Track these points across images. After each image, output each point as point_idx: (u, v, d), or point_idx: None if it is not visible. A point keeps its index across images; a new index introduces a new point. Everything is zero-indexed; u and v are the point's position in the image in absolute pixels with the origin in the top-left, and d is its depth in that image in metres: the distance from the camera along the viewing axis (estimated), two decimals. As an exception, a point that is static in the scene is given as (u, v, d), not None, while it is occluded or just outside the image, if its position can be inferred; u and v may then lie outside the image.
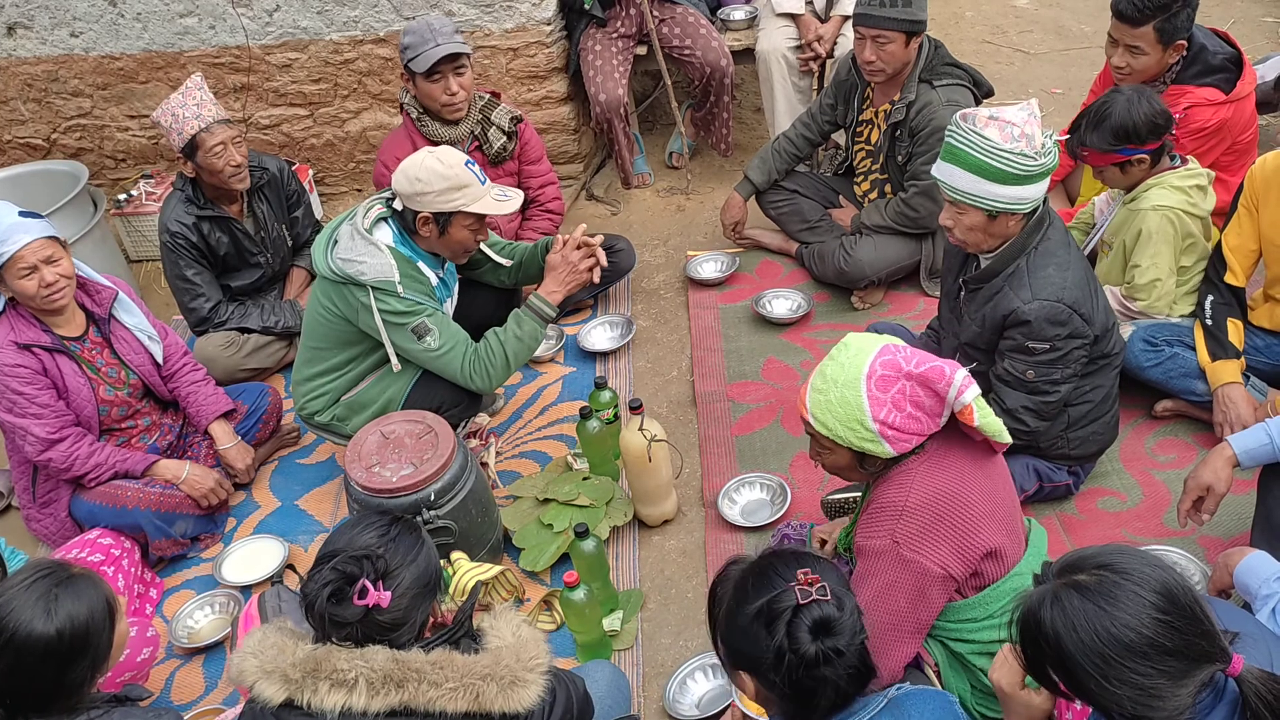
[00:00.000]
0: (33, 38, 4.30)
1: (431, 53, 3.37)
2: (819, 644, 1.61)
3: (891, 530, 2.04)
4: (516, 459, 3.25)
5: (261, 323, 3.59)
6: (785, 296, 3.72)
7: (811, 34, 4.12)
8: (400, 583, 1.75)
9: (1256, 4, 5.29)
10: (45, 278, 2.73)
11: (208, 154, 3.30)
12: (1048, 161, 2.40)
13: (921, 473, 2.07)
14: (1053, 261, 2.49)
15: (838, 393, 2.03)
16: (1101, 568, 1.52)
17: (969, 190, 2.44)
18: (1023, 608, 1.58)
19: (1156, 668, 1.45)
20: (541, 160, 3.81)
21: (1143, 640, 1.45)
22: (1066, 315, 2.46)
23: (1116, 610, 1.47)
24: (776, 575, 1.67)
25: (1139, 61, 3.16)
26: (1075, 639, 1.48)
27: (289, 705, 1.68)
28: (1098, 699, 1.50)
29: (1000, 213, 2.45)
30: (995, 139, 2.36)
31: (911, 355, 2.03)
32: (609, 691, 2.23)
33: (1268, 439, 2.33)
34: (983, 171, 2.40)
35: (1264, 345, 2.92)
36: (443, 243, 2.89)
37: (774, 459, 3.12)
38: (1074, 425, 2.70)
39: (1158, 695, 1.46)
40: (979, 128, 2.38)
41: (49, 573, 1.89)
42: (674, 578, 2.84)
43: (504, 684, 1.71)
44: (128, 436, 3.04)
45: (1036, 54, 5.17)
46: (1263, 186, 2.75)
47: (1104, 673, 1.47)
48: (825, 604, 1.63)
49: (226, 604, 2.91)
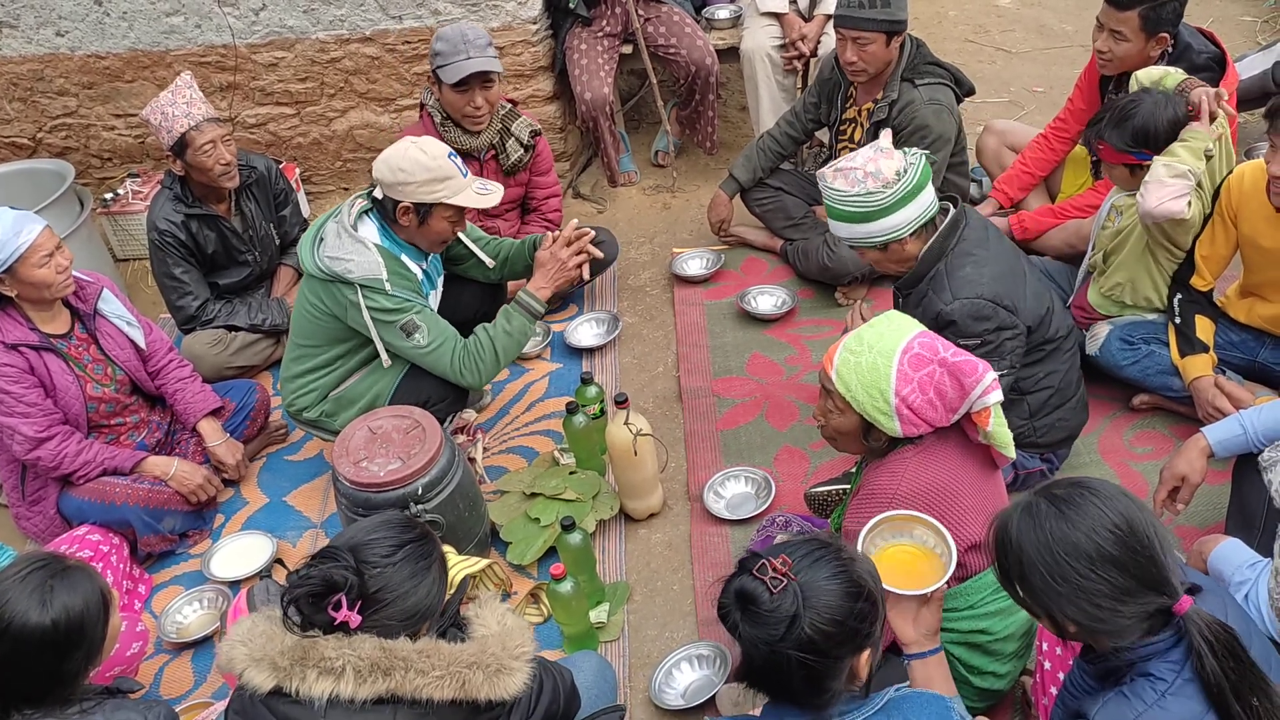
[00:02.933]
0: (18, 37, 4.30)
1: (463, 65, 3.36)
2: (737, 610, 1.64)
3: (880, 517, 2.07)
4: (503, 454, 3.27)
5: (249, 320, 3.60)
6: (770, 293, 3.76)
7: (795, 33, 4.16)
8: (383, 608, 1.72)
9: (1234, 3, 5.36)
10: (60, 263, 2.78)
11: (197, 152, 3.31)
12: (903, 185, 2.49)
13: (915, 463, 2.13)
14: (969, 261, 2.57)
15: (869, 358, 2.10)
16: (1076, 485, 1.66)
17: (848, 236, 2.61)
18: (1000, 511, 1.71)
19: (1101, 575, 1.57)
20: (550, 172, 3.83)
21: (1091, 545, 1.58)
22: (990, 310, 2.53)
23: (1077, 516, 1.61)
24: (769, 554, 1.69)
25: (1120, 48, 3.20)
26: (1032, 537, 1.63)
27: (277, 693, 1.69)
28: (1045, 601, 1.62)
29: (888, 243, 2.58)
30: (843, 188, 2.53)
31: (949, 345, 2.12)
32: (595, 682, 2.25)
33: (1241, 430, 2.38)
34: (849, 218, 2.56)
35: (1239, 340, 2.97)
36: (421, 232, 2.90)
37: (759, 453, 3.16)
38: (1037, 414, 2.74)
39: (1099, 607, 1.58)
40: (830, 183, 2.56)
41: (44, 565, 1.90)
42: (660, 570, 2.87)
43: (490, 672, 1.73)
44: (116, 434, 3.05)
45: (1018, 53, 5.22)
46: (1239, 199, 2.79)
47: (1051, 570, 1.60)
48: (762, 583, 1.62)
49: (215, 599, 2.92)
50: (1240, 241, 2.84)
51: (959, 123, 3.50)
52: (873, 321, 2.19)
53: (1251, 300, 2.94)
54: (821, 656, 1.62)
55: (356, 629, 1.70)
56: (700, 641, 2.61)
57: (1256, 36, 5.01)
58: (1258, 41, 4.89)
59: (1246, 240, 2.81)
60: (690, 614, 2.73)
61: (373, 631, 1.71)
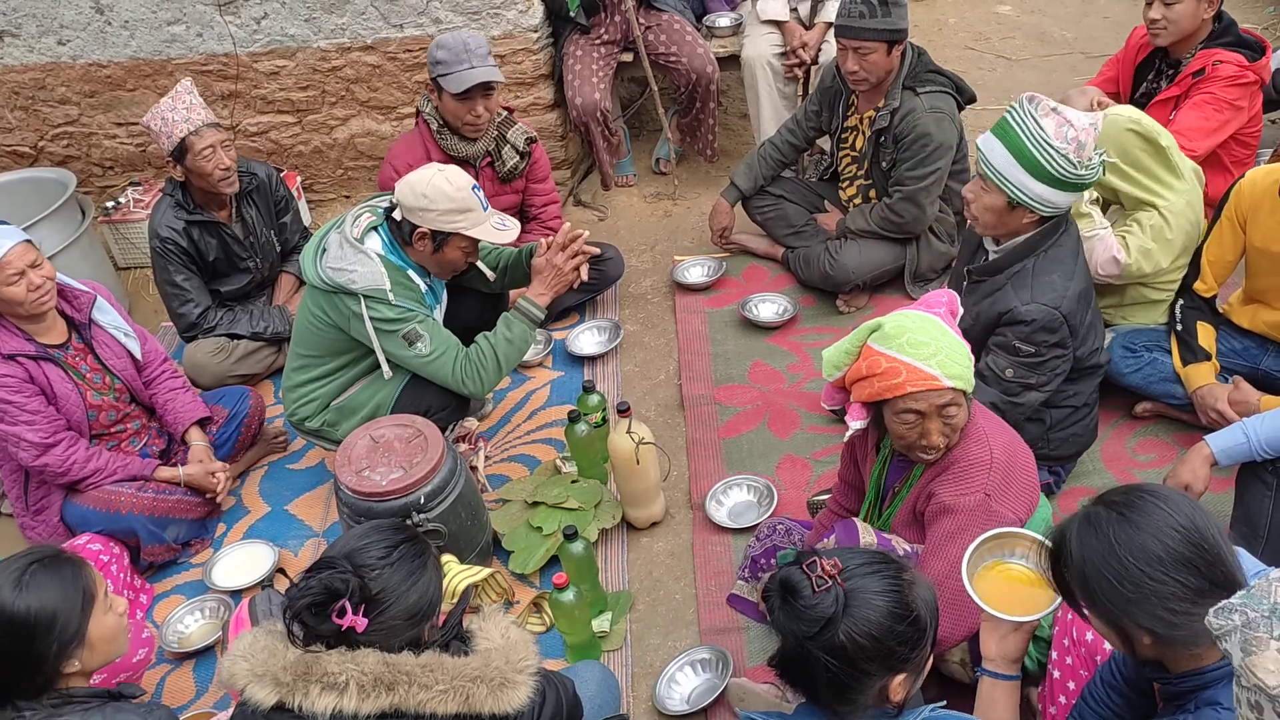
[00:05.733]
0: (20, 45, 4.30)
1: (467, 74, 3.35)
2: (777, 597, 1.66)
3: (984, 484, 2.09)
4: (505, 463, 3.27)
5: (250, 328, 3.60)
6: (771, 300, 3.76)
7: (796, 41, 4.16)
8: (385, 609, 1.72)
9: (1235, 10, 5.34)
10: (33, 280, 2.75)
11: (197, 157, 3.32)
12: (1087, 175, 2.39)
13: (987, 428, 2.17)
14: (1059, 269, 2.50)
15: (943, 343, 2.07)
16: (1134, 489, 1.60)
17: (1000, 169, 2.43)
18: (1056, 525, 1.65)
19: (1173, 577, 1.51)
20: (547, 179, 3.83)
21: (1160, 547, 1.52)
22: (1060, 325, 2.48)
23: (1141, 519, 1.54)
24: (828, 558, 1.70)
25: (1174, 11, 3.24)
26: (1096, 546, 1.56)
27: (280, 708, 1.68)
28: (1115, 613, 1.55)
29: (1019, 205, 2.45)
30: (1049, 131, 2.34)
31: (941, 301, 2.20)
32: (599, 691, 2.25)
33: (1244, 438, 2.38)
34: (1021, 156, 2.39)
35: (1241, 348, 2.96)
36: (435, 259, 2.92)
37: (760, 461, 3.15)
38: (1054, 427, 2.74)
39: (1174, 611, 1.51)
40: (1038, 113, 2.36)
41: (38, 556, 1.93)
42: (662, 579, 2.87)
43: (494, 685, 1.72)
44: (118, 441, 3.04)
45: (1019, 60, 5.23)
46: (1250, 204, 2.78)
47: (1120, 577, 1.53)
48: (807, 578, 1.63)
49: (216, 609, 2.92)
50: (1248, 246, 2.84)
51: (960, 130, 3.51)
52: (895, 329, 2.12)
53: (1255, 307, 2.93)
54: (849, 665, 1.61)
55: (362, 634, 1.69)
56: (701, 646, 2.61)
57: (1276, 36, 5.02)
58: (1258, 48, 4.90)
59: (1255, 245, 2.81)
60: (693, 623, 2.73)
61: (377, 634, 1.71)
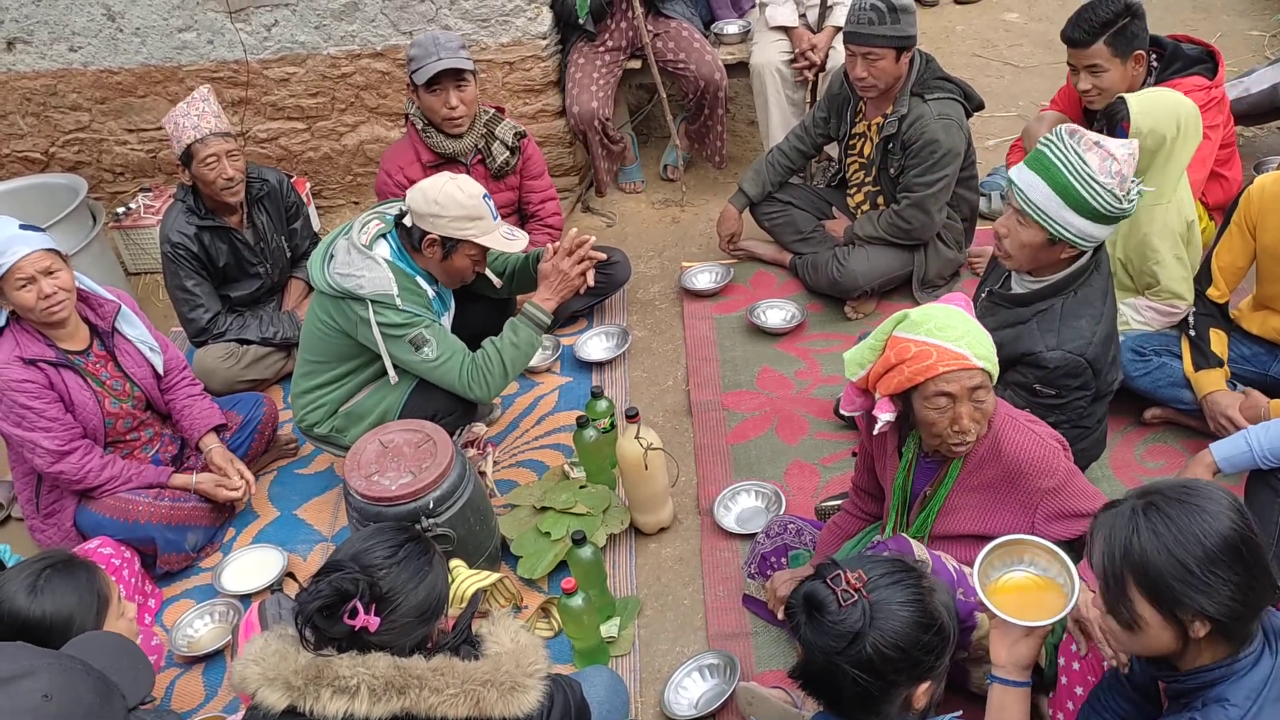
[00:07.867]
0: (32, 52, 4.33)
1: (431, 65, 3.42)
2: (803, 613, 1.66)
3: (1048, 447, 2.15)
4: (514, 468, 3.28)
5: (260, 334, 3.61)
6: (779, 307, 3.76)
7: (805, 43, 4.17)
8: (396, 608, 1.74)
9: (1243, 18, 5.36)
10: (43, 289, 2.75)
11: (200, 165, 3.34)
12: (1129, 208, 2.33)
13: (1027, 417, 2.21)
14: (1088, 312, 2.43)
15: (969, 328, 2.08)
16: (1179, 484, 1.59)
17: (1040, 205, 2.34)
18: (1103, 528, 1.60)
19: (1229, 561, 1.50)
20: (543, 176, 3.85)
21: (1219, 530, 1.51)
22: (1084, 371, 2.43)
23: (1196, 508, 1.53)
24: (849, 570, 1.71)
25: (1103, 80, 3.20)
26: (1149, 538, 1.53)
27: (291, 712, 1.69)
28: (1172, 602, 1.53)
29: (1060, 240, 2.37)
30: (1094, 167, 2.28)
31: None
32: (607, 697, 2.25)
33: (1247, 446, 2.38)
34: (1066, 193, 2.31)
35: (1250, 354, 2.96)
36: (443, 267, 2.93)
37: (769, 467, 3.15)
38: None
39: (1233, 598, 1.50)
40: (1082, 149, 2.30)
41: (51, 560, 1.96)
42: (670, 584, 2.87)
43: (504, 689, 1.73)
44: (131, 448, 3.06)
45: (1026, 67, 5.23)
46: (1260, 210, 2.78)
47: (1182, 561, 1.51)
48: (833, 593, 1.64)
49: (226, 613, 2.93)
50: (1258, 251, 2.84)
51: (968, 137, 3.51)
52: (917, 322, 2.11)
53: (1265, 313, 2.93)
54: (877, 678, 1.61)
55: (373, 634, 1.70)
56: (709, 651, 2.61)
57: (1265, 51, 5.01)
58: (1266, 56, 4.90)
59: (1266, 251, 2.81)
60: (701, 628, 2.73)
61: (389, 634, 1.72)
